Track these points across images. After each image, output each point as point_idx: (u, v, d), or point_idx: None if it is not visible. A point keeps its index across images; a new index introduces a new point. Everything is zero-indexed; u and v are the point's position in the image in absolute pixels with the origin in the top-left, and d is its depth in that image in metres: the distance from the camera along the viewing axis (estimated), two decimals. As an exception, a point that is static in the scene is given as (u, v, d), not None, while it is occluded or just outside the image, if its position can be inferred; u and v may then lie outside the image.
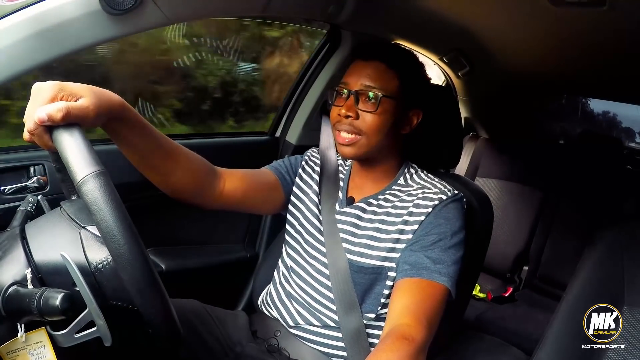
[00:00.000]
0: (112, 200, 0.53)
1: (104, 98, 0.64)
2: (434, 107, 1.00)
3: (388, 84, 0.89)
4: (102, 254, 0.60)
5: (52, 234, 0.64)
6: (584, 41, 1.31)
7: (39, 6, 0.75)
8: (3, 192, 0.99)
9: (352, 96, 0.89)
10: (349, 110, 0.88)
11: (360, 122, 0.89)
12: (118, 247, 0.53)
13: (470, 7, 1.28)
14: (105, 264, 0.60)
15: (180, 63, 1.74)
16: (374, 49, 0.92)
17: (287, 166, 1.05)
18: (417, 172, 0.99)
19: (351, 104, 0.89)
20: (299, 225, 1.00)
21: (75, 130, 0.57)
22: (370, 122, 0.88)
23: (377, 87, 0.88)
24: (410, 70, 0.94)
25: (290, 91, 1.55)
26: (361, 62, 0.91)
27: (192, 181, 0.85)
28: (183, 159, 0.82)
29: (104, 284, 0.60)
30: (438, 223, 0.86)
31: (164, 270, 1.23)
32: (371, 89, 0.88)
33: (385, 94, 0.88)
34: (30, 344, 0.61)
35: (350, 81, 0.90)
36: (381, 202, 0.94)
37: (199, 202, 0.89)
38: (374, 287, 0.90)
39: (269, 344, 0.96)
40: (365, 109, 0.88)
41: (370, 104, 0.88)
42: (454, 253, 0.84)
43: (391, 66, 0.90)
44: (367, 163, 0.97)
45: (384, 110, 0.88)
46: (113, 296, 0.60)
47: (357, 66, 0.91)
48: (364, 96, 0.89)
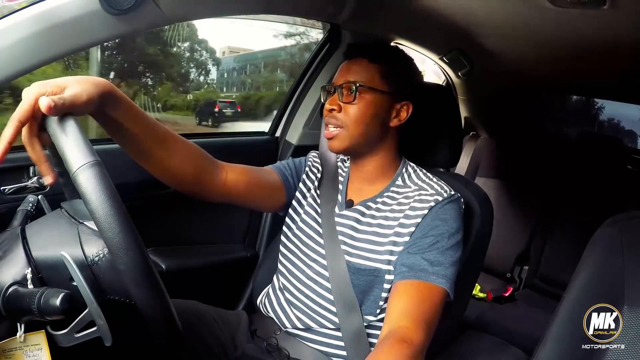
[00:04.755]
0: (106, 189, 0.53)
1: (90, 81, 0.64)
2: (427, 102, 1.00)
3: (369, 76, 0.92)
4: (98, 247, 0.60)
5: (51, 231, 0.65)
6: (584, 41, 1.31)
7: (38, 6, 0.75)
8: (3, 192, 0.99)
9: (337, 91, 0.93)
10: (332, 104, 0.92)
11: (342, 115, 0.92)
12: (112, 236, 0.53)
13: (471, 6, 1.28)
14: (102, 256, 0.60)
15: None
16: (358, 48, 0.97)
17: (291, 169, 1.04)
18: (416, 171, 0.99)
19: (334, 98, 0.93)
20: (297, 229, 1.00)
21: (70, 120, 0.57)
22: (350, 113, 0.91)
23: (357, 79, 0.91)
24: (394, 63, 0.95)
25: (290, 91, 1.55)
26: (347, 60, 0.96)
27: (192, 168, 0.84)
28: (180, 144, 0.82)
29: (100, 277, 0.60)
30: (435, 225, 0.86)
31: (164, 270, 1.23)
32: (352, 83, 0.91)
33: (362, 84, 0.91)
34: (27, 345, 0.61)
35: (336, 78, 0.95)
36: (379, 205, 0.94)
37: (201, 191, 0.88)
38: (372, 290, 0.90)
39: (268, 344, 0.96)
40: (346, 101, 0.92)
41: (350, 96, 0.91)
42: (452, 255, 0.84)
43: (372, 60, 0.93)
44: (359, 158, 0.98)
45: (362, 100, 0.91)
46: (110, 289, 0.60)
47: (344, 65, 0.96)
48: (346, 90, 0.92)
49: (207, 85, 5.23)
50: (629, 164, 2.02)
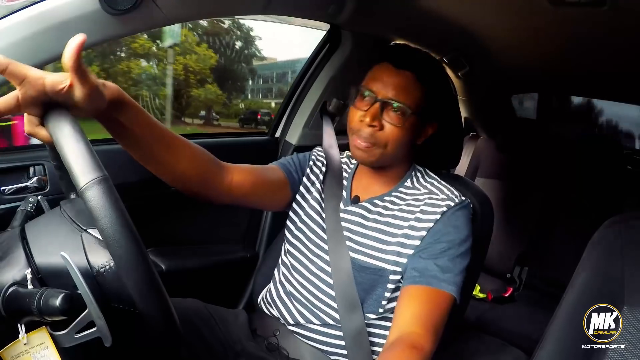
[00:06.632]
0: (115, 207, 0.53)
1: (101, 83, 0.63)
2: (450, 118, 1.00)
3: (414, 97, 0.87)
4: (104, 258, 0.60)
5: (53, 236, 0.64)
6: (584, 41, 1.32)
7: (39, 6, 0.75)
8: (3, 192, 0.99)
9: (378, 104, 0.87)
10: (373, 120, 0.86)
11: (382, 134, 0.87)
12: (122, 253, 0.53)
13: (471, 7, 1.28)
14: (108, 268, 0.60)
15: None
16: (405, 58, 0.90)
17: (295, 164, 1.04)
18: (424, 174, 0.99)
19: (376, 113, 0.86)
20: (301, 223, 1.00)
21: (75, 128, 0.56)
22: (392, 135, 0.87)
23: (404, 101, 0.86)
24: (438, 83, 0.93)
25: (290, 91, 1.55)
26: (391, 68, 0.88)
27: (199, 172, 0.84)
28: (187, 149, 0.81)
29: (106, 288, 0.60)
30: (447, 231, 0.86)
31: (164, 270, 1.23)
32: (399, 102, 0.86)
33: (412, 111, 0.87)
34: (33, 346, 0.61)
35: (377, 87, 0.87)
36: (387, 204, 0.94)
37: (207, 194, 0.88)
38: (375, 289, 0.90)
39: (268, 343, 0.96)
40: (390, 121, 0.87)
41: (396, 117, 0.86)
42: (461, 262, 0.85)
43: (420, 78, 0.88)
44: (378, 168, 0.97)
45: (408, 125, 0.88)
46: (115, 299, 0.60)
47: (386, 72, 0.88)
48: (389, 107, 0.87)
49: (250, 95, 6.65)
50: (629, 164, 2.02)
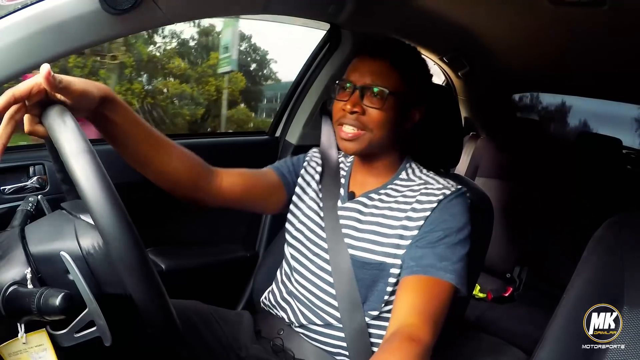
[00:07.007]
0: (98, 174, 0.54)
1: (92, 83, 0.67)
2: (435, 104, 1.00)
3: (392, 81, 0.89)
4: (93, 239, 0.61)
5: (49, 228, 0.65)
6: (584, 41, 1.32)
7: (38, 6, 0.75)
8: (3, 192, 0.99)
9: (357, 91, 0.89)
10: (354, 106, 0.88)
11: (366, 118, 0.89)
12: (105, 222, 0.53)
13: (471, 7, 1.28)
14: (97, 248, 0.60)
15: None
16: (379, 47, 0.93)
17: (289, 166, 1.04)
18: (419, 168, 1.00)
19: (356, 100, 0.89)
20: (300, 223, 1.00)
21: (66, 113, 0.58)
22: (376, 117, 0.89)
23: (382, 84, 0.88)
24: (414, 67, 0.94)
25: (290, 91, 1.55)
26: (366, 58, 0.92)
27: (187, 173, 0.85)
28: (176, 150, 0.83)
29: (96, 270, 0.60)
30: (444, 219, 0.86)
31: (164, 270, 1.23)
32: (377, 85, 0.88)
33: (391, 91, 0.88)
34: (31, 347, 0.61)
35: (355, 76, 0.91)
36: (383, 196, 0.94)
37: (198, 197, 0.89)
38: (376, 284, 0.89)
39: (274, 344, 0.96)
40: (371, 105, 0.89)
41: (376, 100, 0.88)
42: (460, 250, 0.84)
43: (394, 64, 0.90)
44: (368, 159, 0.97)
45: (389, 106, 0.89)
46: (106, 282, 0.60)
47: (362, 62, 0.92)
48: (369, 92, 0.89)
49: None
50: (629, 164, 2.02)
